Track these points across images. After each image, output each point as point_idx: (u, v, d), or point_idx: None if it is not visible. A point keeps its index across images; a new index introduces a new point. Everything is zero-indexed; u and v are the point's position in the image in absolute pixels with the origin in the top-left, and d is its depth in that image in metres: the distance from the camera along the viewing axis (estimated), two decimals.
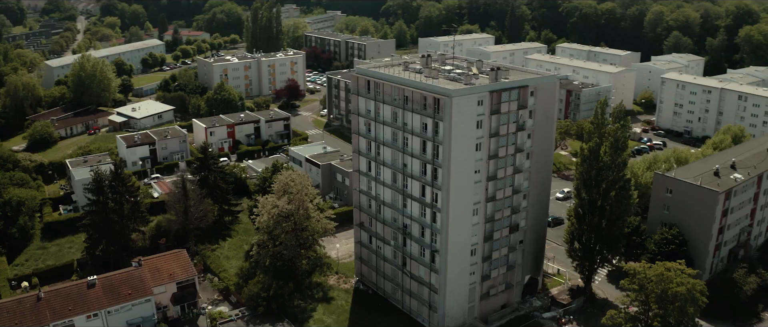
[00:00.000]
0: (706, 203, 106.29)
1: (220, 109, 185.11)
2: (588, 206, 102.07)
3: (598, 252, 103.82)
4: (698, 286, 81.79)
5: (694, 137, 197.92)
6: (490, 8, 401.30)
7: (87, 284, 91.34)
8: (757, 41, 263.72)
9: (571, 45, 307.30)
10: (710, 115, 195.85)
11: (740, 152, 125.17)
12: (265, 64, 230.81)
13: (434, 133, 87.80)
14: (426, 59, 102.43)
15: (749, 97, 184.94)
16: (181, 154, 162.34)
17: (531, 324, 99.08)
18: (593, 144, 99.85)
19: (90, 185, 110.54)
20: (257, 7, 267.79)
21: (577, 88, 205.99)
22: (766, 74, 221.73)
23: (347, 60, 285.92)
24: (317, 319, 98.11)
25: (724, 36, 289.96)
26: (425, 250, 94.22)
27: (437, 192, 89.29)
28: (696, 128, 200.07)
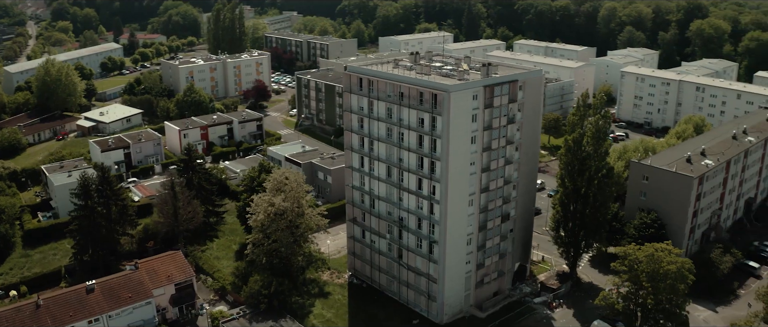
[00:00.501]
0: (681, 188, 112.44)
1: (190, 112, 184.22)
2: (572, 195, 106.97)
3: (582, 238, 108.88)
4: (687, 264, 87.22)
5: (654, 128, 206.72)
6: (446, 7, 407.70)
7: (86, 289, 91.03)
8: (708, 34, 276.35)
9: (529, 41, 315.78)
10: (669, 107, 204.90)
11: (707, 140, 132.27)
12: (230, 66, 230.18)
13: (431, 128, 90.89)
14: (415, 56, 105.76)
15: (706, 88, 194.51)
16: (155, 157, 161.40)
17: (523, 309, 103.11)
18: (577, 135, 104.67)
19: (77, 190, 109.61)
20: (219, 8, 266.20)
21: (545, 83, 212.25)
22: (719, 66, 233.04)
23: (309, 60, 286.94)
24: (317, 314, 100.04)
25: (676, 30, 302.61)
26: (422, 241, 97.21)
27: (435, 184, 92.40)
28: (656, 119, 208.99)
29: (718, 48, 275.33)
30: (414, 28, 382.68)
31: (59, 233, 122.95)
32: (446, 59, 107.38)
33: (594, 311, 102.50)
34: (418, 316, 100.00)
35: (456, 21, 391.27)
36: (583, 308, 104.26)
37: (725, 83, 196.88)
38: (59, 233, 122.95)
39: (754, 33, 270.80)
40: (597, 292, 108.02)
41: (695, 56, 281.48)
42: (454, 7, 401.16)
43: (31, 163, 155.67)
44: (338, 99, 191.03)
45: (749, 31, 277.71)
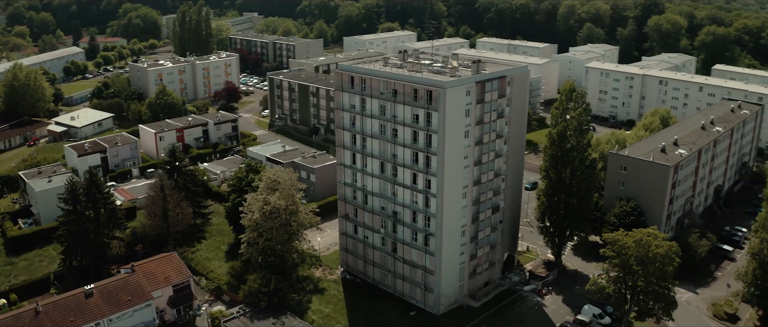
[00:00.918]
0: (658, 177, 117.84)
1: (164, 114, 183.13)
2: (557, 185, 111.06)
3: (567, 227, 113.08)
4: (673, 247, 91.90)
5: (619, 121, 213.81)
6: (408, 6, 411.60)
7: (84, 294, 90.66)
8: (666, 29, 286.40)
9: (491, 39, 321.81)
10: (633, 100, 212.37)
11: (678, 131, 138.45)
12: (199, 67, 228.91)
13: (426, 123, 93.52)
14: (403, 55, 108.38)
15: (669, 82, 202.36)
16: (132, 160, 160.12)
17: (515, 298, 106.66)
18: (561, 128, 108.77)
19: (64, 195, 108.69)
20: (185, 10, 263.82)
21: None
22: (678, 60, 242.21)
23: (276, 61, 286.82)
24: (315, 309, 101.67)
25: (634, 26, 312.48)
26: (418, 234, 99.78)
27: (431, 178, 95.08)
28: (620, 113, 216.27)
29: (675, 43, 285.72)
30: (376, 28, 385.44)
31: (43, 239, 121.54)
32: (434, 57, 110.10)
33: (582, 297, 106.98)
34: (414, 308, 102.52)
35: (418, 20, 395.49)
36: (572, 294, 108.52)
37: (687, 76, 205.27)
38: (43, 239, 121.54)
39: (709, 27, 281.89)
40: (582, 278, 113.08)
41: (653, 51, 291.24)
42: (416, 6, 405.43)
43: (3, 170, 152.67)
44: (312, 99, 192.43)
45: (705, 25, 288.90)
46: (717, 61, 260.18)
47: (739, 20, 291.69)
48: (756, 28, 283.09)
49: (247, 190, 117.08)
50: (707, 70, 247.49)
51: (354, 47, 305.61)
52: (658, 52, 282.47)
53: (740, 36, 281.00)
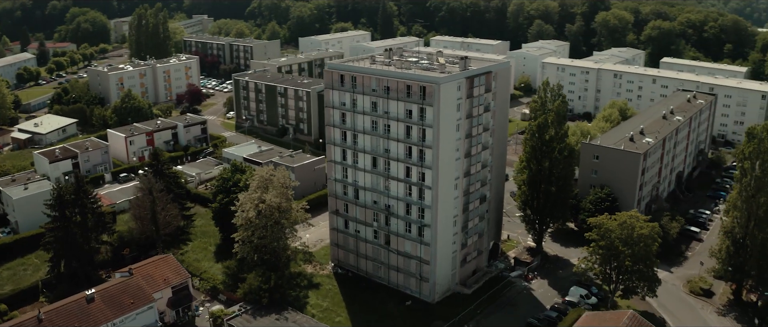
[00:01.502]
0: (630, 164, 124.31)
1: (131, 118, 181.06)
2: (538, 175, 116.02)
3: (548, 215, 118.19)
4: (656, 228, 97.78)
5: (576, 114, 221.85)
6: (359, 6, 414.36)
7: (86, 299, 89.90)
8: (613, 25, 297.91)
9: (444, 37, 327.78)
10: (589, 94, 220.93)
11: (641, 121, 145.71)
12: (160, 71, 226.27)
13: (420, 118, 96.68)
14: (389, 53, 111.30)
15: (624, 75, 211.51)
16: (104, 165, 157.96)
17: (504, 283, 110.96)
18: (541, 120, 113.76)
19: (51, 201, 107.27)
20: (141, 12, 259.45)
21: None
22: (628, 54, 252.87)
23: (233, 62, 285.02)
24: (313, 304, 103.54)
25: (582, 22, 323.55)
26: (412, 225, 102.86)
27: (425, 171, 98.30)
28: (577, 106, 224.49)
29: (623, 37, 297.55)
30: (328, 28, 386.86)
31: (25, 248, 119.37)
32: (419, 55, 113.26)
33: (566, 279, 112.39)
34: (409, 298, 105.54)
35: (369, 19, 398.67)
36: (556, 278, 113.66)
37: (641, 69, 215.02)
38: (25, 248, 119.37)
39: (654, 22, 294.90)
40: (563, 263, 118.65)
41: (601, 46, 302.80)
42: (367, 6, 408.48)
43: None
44: (280, 99, 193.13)
45: (650, 20, 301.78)
46: (663, 54, 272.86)
47: (683, 15, 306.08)
48: (699, 21, 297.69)
49: (234, 191, 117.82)
50: (654, 63, 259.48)
51: (310, 47, 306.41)
52: (607, 47, 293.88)
53: (684, 30, 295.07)
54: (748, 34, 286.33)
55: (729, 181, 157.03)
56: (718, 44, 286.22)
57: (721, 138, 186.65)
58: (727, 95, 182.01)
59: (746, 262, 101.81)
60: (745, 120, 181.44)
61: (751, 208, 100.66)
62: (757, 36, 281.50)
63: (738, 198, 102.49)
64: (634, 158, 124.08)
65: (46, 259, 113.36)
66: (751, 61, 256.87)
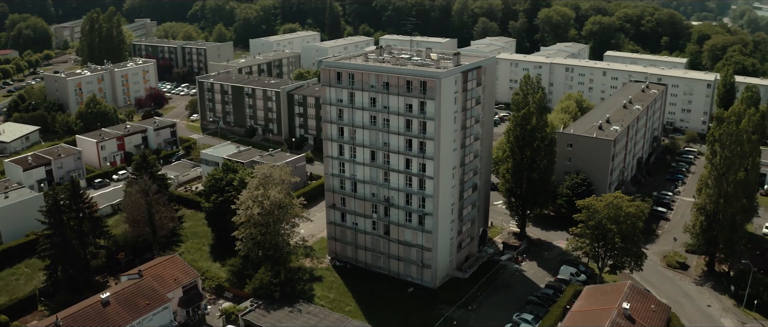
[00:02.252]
0: (602, 151, 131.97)
1: (100, 123, 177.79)
2: (522, 163, 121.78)
3: (531, 201, 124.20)
4: (641, 206, 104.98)
5: None
6: (304, 6, 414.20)
7: (101, 302, 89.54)
8: (556, 21, 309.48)
9: (393, 37, 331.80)
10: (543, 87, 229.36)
11: (605, 110, 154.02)
12: (118, 75, 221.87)
13: (420, 111, 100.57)
14: (380, 50, 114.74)
15: (575, 68, 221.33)
16: (77, 172, 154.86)
17: (497, 267, 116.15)
18: (525, 111, 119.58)
19: (46, 208, 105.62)
20: (94, 17, 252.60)
21: None
22: (574, 49, 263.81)
23: (186, 66, 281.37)
24: (321, 296, 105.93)
25: (525, 18, 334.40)
26: (412, 215, 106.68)
27: (426, 162, 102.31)
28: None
29: (565, 33, 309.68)
30: (275, 29, 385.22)
31: (11, 258, 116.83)
32: (410, 52, 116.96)
33: (553, 260, 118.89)
34: (411, 285, 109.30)
35: (315, 20, 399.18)
36: (543, 259, 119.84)
37: (591, 63, 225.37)
38: (11, 258, 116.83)
39: (595, 17, 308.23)
40: (546, 245, 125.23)
41: (545, 42, 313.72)
42: (312, 7, 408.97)
43: None
44: (248, 100, 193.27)
45: (590, 15, 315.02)
46: (604, 48, 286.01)
47: (620, 9, 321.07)
48: (636, 16, 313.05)
49: (227, 190, 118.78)
50: (597, 56, 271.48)
51: (261, 49, 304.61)
52: (550, 43, 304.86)
53: (622, 24, 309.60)
54: (683, 27, 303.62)
55: (684, 165, 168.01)
56: (655, 37, 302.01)
57: (670, 125, 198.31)
58: (674, 85, 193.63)
59: (718, 235, 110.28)
60: (692, 108, 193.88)
61: (721, 186, 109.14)
62: (692, 29, 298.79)
63: (709, 177, 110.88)
64: (605, 145, 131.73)
65: (38, 267, 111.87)
66: (688, 53, 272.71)
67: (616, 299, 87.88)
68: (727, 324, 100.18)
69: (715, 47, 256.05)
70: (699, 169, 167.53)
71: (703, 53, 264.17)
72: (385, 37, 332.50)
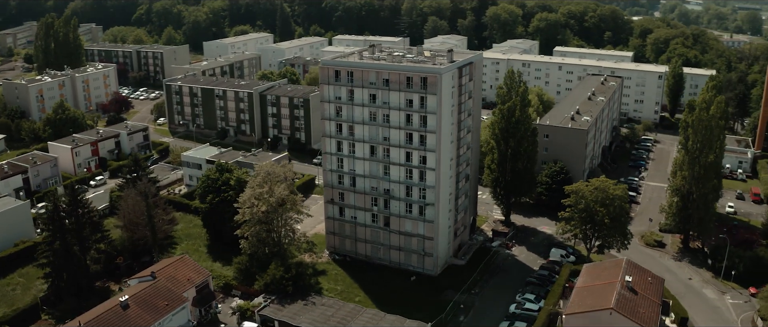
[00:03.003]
0: (577, 140, 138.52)
1: (73, 129, 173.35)
2: (506, 154, 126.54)
3: (515, 190, 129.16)
4: (626, 189, 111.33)
5: (489, 102, 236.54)
6: (253, 8, 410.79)
7: (120, 305, 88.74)
8: (505, 19, 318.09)
9: (346, 37, 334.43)
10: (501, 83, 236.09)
11: (572, 102, 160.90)
12: (79, 80, 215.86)
13: (421, 106, 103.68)
14: (372, 49, 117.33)
15: (532, 64, 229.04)
16: (54, 179, 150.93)
17: (490, 253, 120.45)
18: (510, 104, 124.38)
19: (46, 216, 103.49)
20: (48, 22, 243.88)
21: None
22: (525, 45, 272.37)
23: (142, 70, 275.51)
24: (329, 288, 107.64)
25: (473, 17, 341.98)
26: (413, 206, 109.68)
27: (427, 154, 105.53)
28: (489, 95, 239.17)
29: (513, 30, 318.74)
30: (225, 32, 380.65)
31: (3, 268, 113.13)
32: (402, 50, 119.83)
33: (540, 244, 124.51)
34: (412, 273, 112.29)
35: (265, 22, 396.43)
36: (531, 244, 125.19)
37: (546, 58, 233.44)
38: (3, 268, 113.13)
39: (541, 14, 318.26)
40: (531, 231, 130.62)
41: (494, 39, 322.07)
42: (261, 9, 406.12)
43: None
44: (218, 102, 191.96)
45: (536, 13, 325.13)
46: (551, 43, 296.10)
47: (565, 6, 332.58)
48: (579, 12, 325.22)
49: (224, 190, 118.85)
50: (545, 52, 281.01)
51: (215, 52, 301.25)
52: (499, 40, 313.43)
53: (567, 20, 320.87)
54: (624, 22, 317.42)
55: (644, 152, 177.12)
56: (598, 32, 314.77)
57: (624, 116, 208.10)
58: (627, 77, 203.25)
59: (692, 214, 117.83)
60: (644, 99, 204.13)
61: (694, 169, 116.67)
62: (633, 23, 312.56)
63: (684, 160, 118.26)
64: (581, 134, 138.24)
65: (37, 276, 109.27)
66: (632, 47, 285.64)
67: (616, 274, 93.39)
68: (709, 294, 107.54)
69: (659, 41, 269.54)
70: (657, 155, 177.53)
71: (647, 47, 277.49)
72: (339, 37, 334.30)
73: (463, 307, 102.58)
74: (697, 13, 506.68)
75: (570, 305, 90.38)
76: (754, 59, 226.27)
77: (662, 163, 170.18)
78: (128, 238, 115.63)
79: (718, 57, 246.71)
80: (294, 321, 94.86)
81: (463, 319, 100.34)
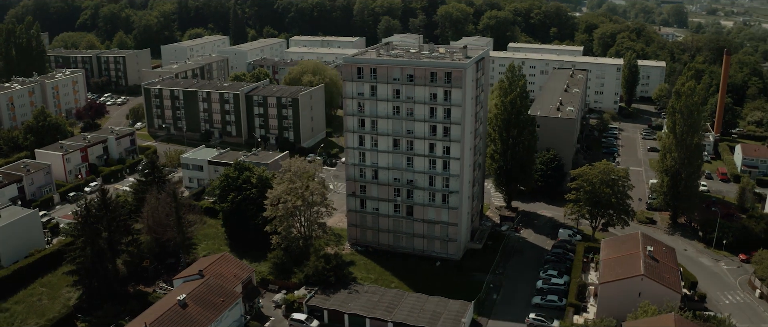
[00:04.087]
0: (566, 129, 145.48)
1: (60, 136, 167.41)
2: (508, 144, 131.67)
3: (518, 177, 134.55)
4: (627, 171, 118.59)
5: None
6: (202, 11, 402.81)
7: (179, 304, 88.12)
8: (456, 17, 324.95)
9: (302, 37, 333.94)
10: None
11: (552, 93, 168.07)
12: (49, 87, 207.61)
13: (445, 99, 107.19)
14: (387, 47, 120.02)
15: (496, 59, 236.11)
16: (48, 187, 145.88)
17: (502, 237, 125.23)
18: (513, 96, 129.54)
19: (77, 219, 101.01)
20: (10, 28, 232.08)
21: None
22: (481, 42, 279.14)
23: (104, 75, 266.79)
24: (363, 277, 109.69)
25: (424, 15, 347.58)
26: (436, 194, 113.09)
27: (451, 145, 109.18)
28: None
29: (464, 28, 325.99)
30: (176, 36, 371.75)
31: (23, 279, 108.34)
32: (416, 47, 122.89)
33: (545, 226, 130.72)
34: (437, 259, 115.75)
35: (216, 24, 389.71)
36: (535, 226, 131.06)
37: (509, 53, 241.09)
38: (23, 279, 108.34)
39: (490, 12, 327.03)
40: (533, 215, 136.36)
41: (446, 37, 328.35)
42: (212, 11, 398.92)
43: None
44: (202, 104, 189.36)
45: (485, 11, 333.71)
46: (501, 40, 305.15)
47: (511, 4, 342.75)
48: (525, 9, 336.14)
49: (245, 188, 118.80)
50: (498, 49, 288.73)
51: (174, 55, 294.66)
52: (451, 38, 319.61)
53: (514, 18, 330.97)
54: (568, 18, 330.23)
55: (613, 139, 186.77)
56: (544, 28, 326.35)
57: (586, 106, 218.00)
58: (588, 70, 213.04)
59: (681, 192, 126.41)
60: (604, 90, 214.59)
61: (682, 150, 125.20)
62: (577, 19, 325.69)
63: (672, 143, 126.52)
64: (569, 123, 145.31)
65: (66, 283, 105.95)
66: (578, 41, 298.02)
67: (636, 246, 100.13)
68: (705, 262, 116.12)
69: (605, 35, 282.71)
70: (624, 142, 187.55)
71: (594, 41, 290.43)
72: (296, 37, 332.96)
73: (493, 286, 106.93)
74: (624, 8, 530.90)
75: (602, 275, 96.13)
76: (696, 50, 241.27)
77: (631, 149, 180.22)
78: (153, 240, 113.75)
79: (660, 49, 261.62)
80: (344, 308, 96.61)
81: (496, 297, 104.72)
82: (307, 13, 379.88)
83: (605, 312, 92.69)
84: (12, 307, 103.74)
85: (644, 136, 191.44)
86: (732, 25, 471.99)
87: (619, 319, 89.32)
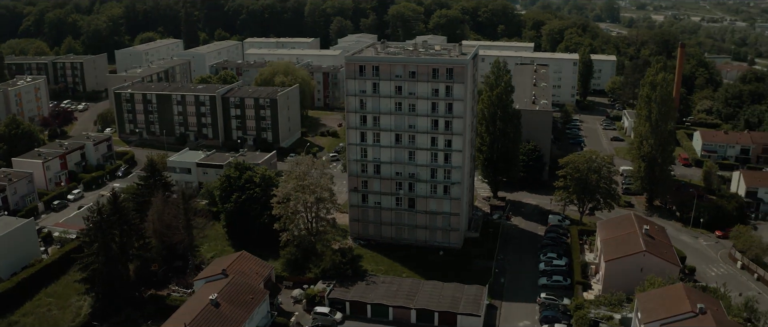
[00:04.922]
0: (544, 121, 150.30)
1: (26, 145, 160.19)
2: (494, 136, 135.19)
3: (504, 168, 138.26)
4: (611, 157, 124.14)
5: None
6: (151, 15, 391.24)
7: (211, 304, 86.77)
8: (408, 16, 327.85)
9: (257, 39, 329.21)
10: None
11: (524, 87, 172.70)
12: (12, 94, 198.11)
13: (446, 94, 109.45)
14: (384, 45, 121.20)
15: None
16: (31, 196, 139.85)
17: (496, 225, 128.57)
18: (500, 89, 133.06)
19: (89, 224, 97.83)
20: None
21: (333, 70, 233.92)
22: (436, 40, 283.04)
23: (61, 81, 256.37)
24: (374, 269, 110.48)
25: (374, 15, 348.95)
26: (438, 186, 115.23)
27: (452, 138, 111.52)
28: None
29: (415, 27, 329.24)
30: (125, 41, 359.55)
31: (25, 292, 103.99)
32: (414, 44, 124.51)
33: (532, 213, 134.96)
34: (439, 248, 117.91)
35: (165, 28, 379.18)
36: (524, 214, 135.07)
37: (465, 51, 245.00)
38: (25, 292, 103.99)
39: (440, 11, 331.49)
40: (519, 203, 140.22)
41: (398, 36, 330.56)
42: (161, 14, 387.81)
43: None
44: (177, 107, 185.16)
45: (435, 10, 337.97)
46: (451, 38, 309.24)
47: (459, 3, 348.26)
48: (472, 8, 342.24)
49: (248, 188, 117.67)
50: None
51: (129, 59, 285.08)
52: (402, 37, 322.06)
53: (463, 16, 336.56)
54: (515, 16, 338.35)
55: (576, 130, 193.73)
56: (491, 26, 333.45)
57: None
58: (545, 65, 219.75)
59: (657, 176, 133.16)
60: (562, 84, 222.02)
61: (657, 137, 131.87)
62: (523, 16, 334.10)
63: (648, 131, 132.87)
64: (547, 116, 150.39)
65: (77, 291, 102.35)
66: (526, 38, 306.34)
67: (631, 226, 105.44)
68: (686, 239, 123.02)
69: (553, 31, 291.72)
70: (587, 133, 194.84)
71: (543, 38, 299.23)
72: (251, 39, 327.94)
73: (497, 271, 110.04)
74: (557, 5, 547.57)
75: (606, 253, 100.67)
76: (641, 44, 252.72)
77: (595, 139, 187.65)
78: (160, 243, 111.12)
79: (605, 44, 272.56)
80: (366, 299, 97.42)
81: (503, 281, 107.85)
82: (258, 15, 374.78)
83: (612, 287, 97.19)
84: (21, 320, 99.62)
85: (604, 127, 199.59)
86: (663, 19, 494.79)
87: (626, 293, 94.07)
